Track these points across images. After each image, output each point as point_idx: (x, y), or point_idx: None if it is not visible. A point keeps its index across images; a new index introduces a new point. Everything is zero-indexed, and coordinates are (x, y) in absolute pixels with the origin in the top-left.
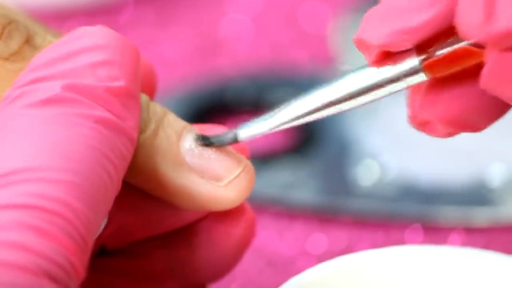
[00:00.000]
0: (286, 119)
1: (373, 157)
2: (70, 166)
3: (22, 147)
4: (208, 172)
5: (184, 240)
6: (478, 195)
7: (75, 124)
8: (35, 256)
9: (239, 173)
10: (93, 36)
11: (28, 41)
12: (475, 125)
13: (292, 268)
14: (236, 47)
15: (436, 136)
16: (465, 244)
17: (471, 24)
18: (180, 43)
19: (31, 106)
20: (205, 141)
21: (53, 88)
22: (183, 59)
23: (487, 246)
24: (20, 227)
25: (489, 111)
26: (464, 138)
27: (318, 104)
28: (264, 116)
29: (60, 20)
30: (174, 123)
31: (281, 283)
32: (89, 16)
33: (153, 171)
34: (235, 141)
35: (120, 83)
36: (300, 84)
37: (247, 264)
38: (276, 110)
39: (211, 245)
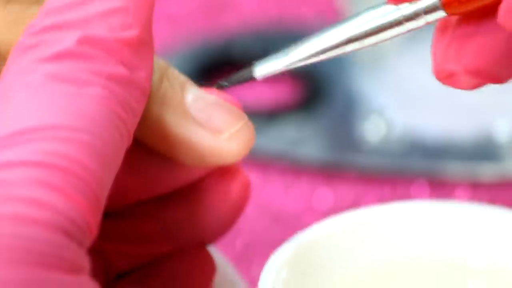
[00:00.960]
0: (304, 55)
1: (379, 113)
2: (83, 125)
3: (35, 105)
4: (210, 125)
5: (177, 202)
6: (484, 150)
7: (88, 82)
8: (51, 212)
9: (241, 127)
10: None
11: None
12: (501, 75)
13: (298, 224)
14: (242, 2)
15: (461, 88)
16: (471, 199)
17: None
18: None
19: (44, 60)
20: (220, 84)
21: (68, 40)
22: (188, 15)
23: (493, 201)
24: (35, 184)
25: None
26: (471, 93)
27: (336, 40)
28: (279, 54)
29: None
30: (177, 75)
31: (287, 239)
32: None
33: (156, 120)
34: (251, 78)
35: (133, 32)
36: None
37: (253, 220)
38: (293, 47)
39: (205, 207)
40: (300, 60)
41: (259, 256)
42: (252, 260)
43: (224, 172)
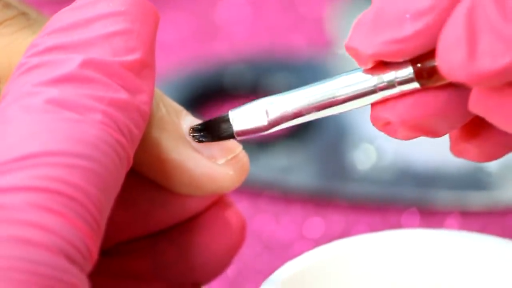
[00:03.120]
0: (283, 120)
1: (369, 141)
2: (84, 151)
3: (36, 130)
4: (206, 152)
5: (171, 241)
6: (474, 179)
7: (89, 108)
8: (53, 236)
9: (237, 154)
10: (111, 0)
11: (24, 14)
12: (436, 131)
13: (289, 252)
14: (233, 31)
15: (397, 138)
16: (461, 227)
17: (453, 65)
18: (178, 27)
19: (46, 84)
20: (198, 131)
21: (71, 63)
22: (180, 43)
23: (483, 229)
24: (37, 208)
25: (452, 118)
26: None
27: (312, 103)
28: (256, 113)
29: (55, 4)
30: (172, 103)
31: (278, 267)
32: None
33: (153, 144)
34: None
35: (136, 55)
36: (298, 68)
37: (244, 248)
38: (270, 101)
39: (199, 248)
40: (281, 123)
41: (251, 283)
42: None
43: (219, 210)
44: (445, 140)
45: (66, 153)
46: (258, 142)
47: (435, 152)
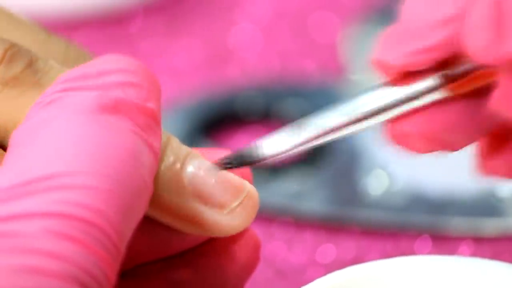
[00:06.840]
0: (311, 136)
1: (382, 167)
2: (109, 173)
3: (60, 149)
4: (211, 199)
5: (187, 263)
6: (487, 205)
7: (114, 129)
8: (67, 264)
9: (242, 200)
10: (119, 62)
11: (31, 65)
12: (453, 144)
13: (301, 278)
14: (245, 56)
15: (414, 151)
16: (474, 254)
17: (479, 47)
18: (190, 53)
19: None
20: (226, 164)
21: (87, 97)
22: (192, 68)
23: (496, 256)
24: (53, 236)
25: (469, 128)
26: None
27: (341, 122)
28: (286, 131)
29: (69, 30)
30: (177, 150)
31: None
32: (98, 26)
33: (157, 198)
34: (259, 159)
35: (149, 104)
36: (309, 94)
37: (256, 273)
38: (298, 126)
39: (215, 269)
40: (309, 141)
41: None
42: None
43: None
44: (457, 166)
45: (88, 174)
46: (269, 167)
47: (447, 178)
